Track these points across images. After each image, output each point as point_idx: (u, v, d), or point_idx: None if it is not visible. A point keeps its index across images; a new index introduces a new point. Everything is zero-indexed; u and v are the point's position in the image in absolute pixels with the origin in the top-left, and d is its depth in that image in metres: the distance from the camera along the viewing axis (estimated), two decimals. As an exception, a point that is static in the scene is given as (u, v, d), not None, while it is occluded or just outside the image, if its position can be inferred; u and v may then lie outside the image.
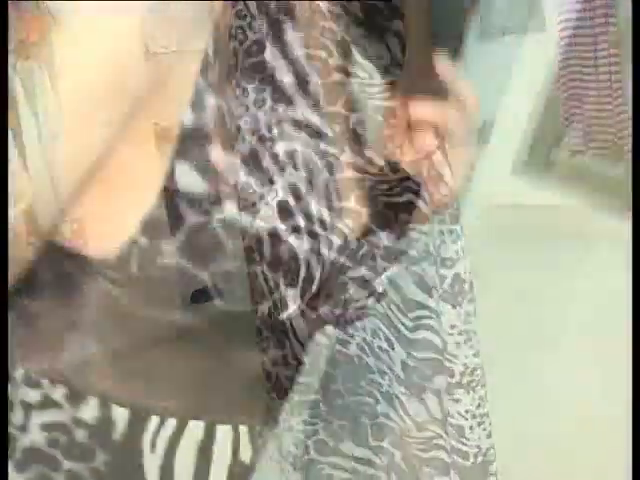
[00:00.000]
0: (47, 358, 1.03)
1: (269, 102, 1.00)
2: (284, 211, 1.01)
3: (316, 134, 1.05)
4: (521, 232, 2.80)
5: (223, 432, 1.09)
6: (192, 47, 0.93)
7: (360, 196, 1.11)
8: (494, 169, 2.80)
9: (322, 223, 1.05)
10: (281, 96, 1.02)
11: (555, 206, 2.74)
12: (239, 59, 0.97)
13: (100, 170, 0.95)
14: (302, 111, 1.04)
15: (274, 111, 1.01)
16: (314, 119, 1.05)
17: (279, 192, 1.00)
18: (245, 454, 1.10)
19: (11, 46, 0.91)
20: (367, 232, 1.12)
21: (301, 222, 1.02)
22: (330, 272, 1.08)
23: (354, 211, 1.10)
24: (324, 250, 1.05)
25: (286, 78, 1.02)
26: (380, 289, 1.12)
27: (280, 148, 1.01)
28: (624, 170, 2.63)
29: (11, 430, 1.02)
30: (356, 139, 1.09)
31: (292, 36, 1.02)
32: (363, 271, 1.12)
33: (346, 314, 1.13)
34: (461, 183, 1.22)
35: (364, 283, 1.13)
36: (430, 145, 1.10)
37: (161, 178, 0.97)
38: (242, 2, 0.95)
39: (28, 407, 1.02)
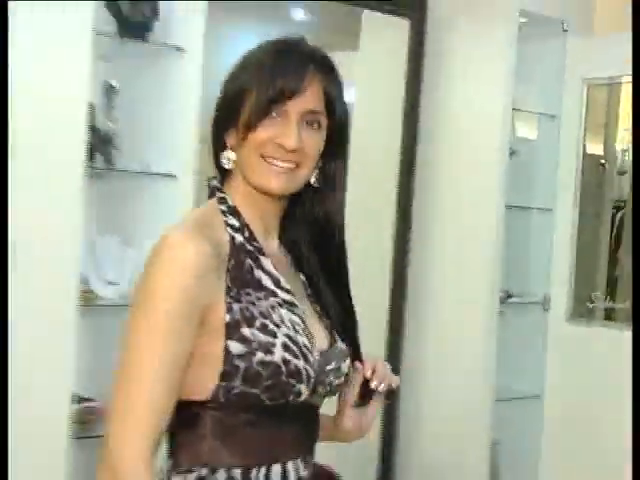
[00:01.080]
0: (194, 455, 1.75)
1: (263, 297, 1.77)
2: (286, 348, 1.73)
3: (290, 304, 1.81)
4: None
5: (291, 465, 1.81)
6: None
7: (321, 328, 1.88)
8: (554, 322, 4.51)
9: (306, 347, 1.77)
10: (269, 293, 1.78)
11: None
12: (244, 278, 1.75)
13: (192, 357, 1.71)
14: (281, 296, 1.80)
15: (267, 300, 1.77)
16: (288, 297, 1.81)
17: (281, 338, 1.73)
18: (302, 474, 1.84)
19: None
20: (331, 344, 1.88)
21: (296, 350, 1.74)
22: (318, 368, 1.79)
23: (321, 336, 1.85)
24: (311, 359, 1.77)
25: (269, 284, 1.79)
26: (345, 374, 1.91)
27: (276, 317, 1.76)
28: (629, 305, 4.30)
29: None
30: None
31: (265, 262, 1.80)
32: (334, 365, 1.86)
33: (330, 391, 1.89)
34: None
35: (337, 371, 1.87)
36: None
37: (222, 350, 1.70)
38: (235, 255, 1.75)
39: None
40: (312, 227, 1.91)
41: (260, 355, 1.69)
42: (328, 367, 1.82)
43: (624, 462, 3.89)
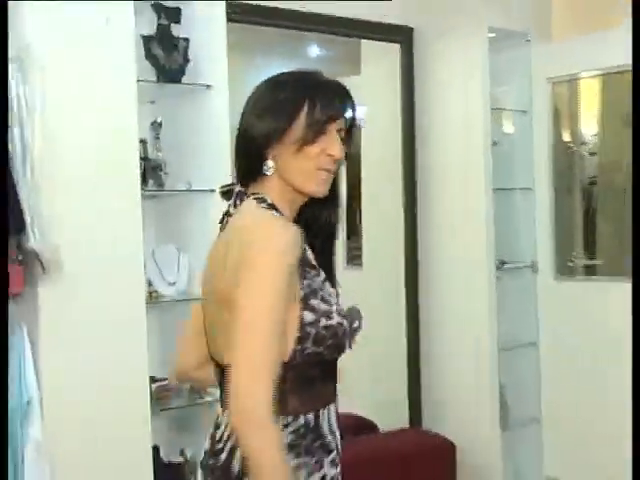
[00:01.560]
0: (278, 408, 1.91)
1: (316, 274, 2.07)
2: (338, 313, 2.02)
3: (326, 279, 2.07)
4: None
5: (336, 404, 2.12)
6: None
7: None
8: (542, 281, 5.12)
9: (344, 311, 2.04)
10: (317, 271, 2.05)
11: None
12: (303, 260, 2.01)
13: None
14: (321, 273, 2.07)
15: (319, 277, 2.05)
16: (324, 273, 2.07)
17: (334, 306, 2.01)
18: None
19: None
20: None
21: (342, 314, 2.02)
22: (349, 321, 2.06)
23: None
24: (347, 320, 2.04)
25: (314, 263, 2.05)
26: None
27: (326, 289, 2.08)
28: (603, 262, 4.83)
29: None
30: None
31: (307, 246, 2.03)
32: (357, 324, 2.10)
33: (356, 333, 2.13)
34: None
35: (359, 329, 2.12)
36: None
37: (298, 319, 1.97)
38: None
39: (284, 427, 2.01)
40: (319, 215, 2.19)
41: (324, 321, 1.99)
42: (354, 325, 2.11)
43: (607, 388, 4.63)
